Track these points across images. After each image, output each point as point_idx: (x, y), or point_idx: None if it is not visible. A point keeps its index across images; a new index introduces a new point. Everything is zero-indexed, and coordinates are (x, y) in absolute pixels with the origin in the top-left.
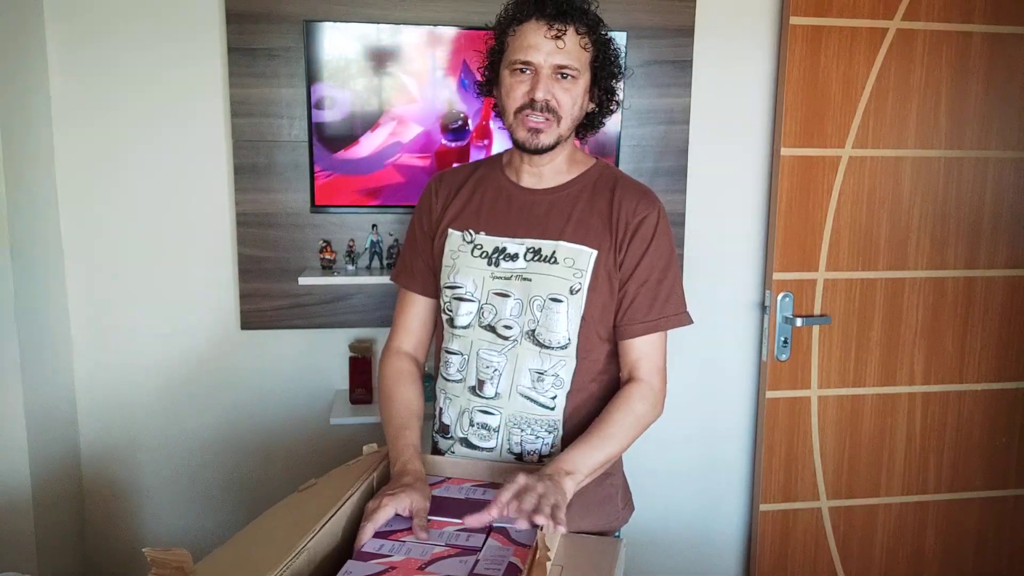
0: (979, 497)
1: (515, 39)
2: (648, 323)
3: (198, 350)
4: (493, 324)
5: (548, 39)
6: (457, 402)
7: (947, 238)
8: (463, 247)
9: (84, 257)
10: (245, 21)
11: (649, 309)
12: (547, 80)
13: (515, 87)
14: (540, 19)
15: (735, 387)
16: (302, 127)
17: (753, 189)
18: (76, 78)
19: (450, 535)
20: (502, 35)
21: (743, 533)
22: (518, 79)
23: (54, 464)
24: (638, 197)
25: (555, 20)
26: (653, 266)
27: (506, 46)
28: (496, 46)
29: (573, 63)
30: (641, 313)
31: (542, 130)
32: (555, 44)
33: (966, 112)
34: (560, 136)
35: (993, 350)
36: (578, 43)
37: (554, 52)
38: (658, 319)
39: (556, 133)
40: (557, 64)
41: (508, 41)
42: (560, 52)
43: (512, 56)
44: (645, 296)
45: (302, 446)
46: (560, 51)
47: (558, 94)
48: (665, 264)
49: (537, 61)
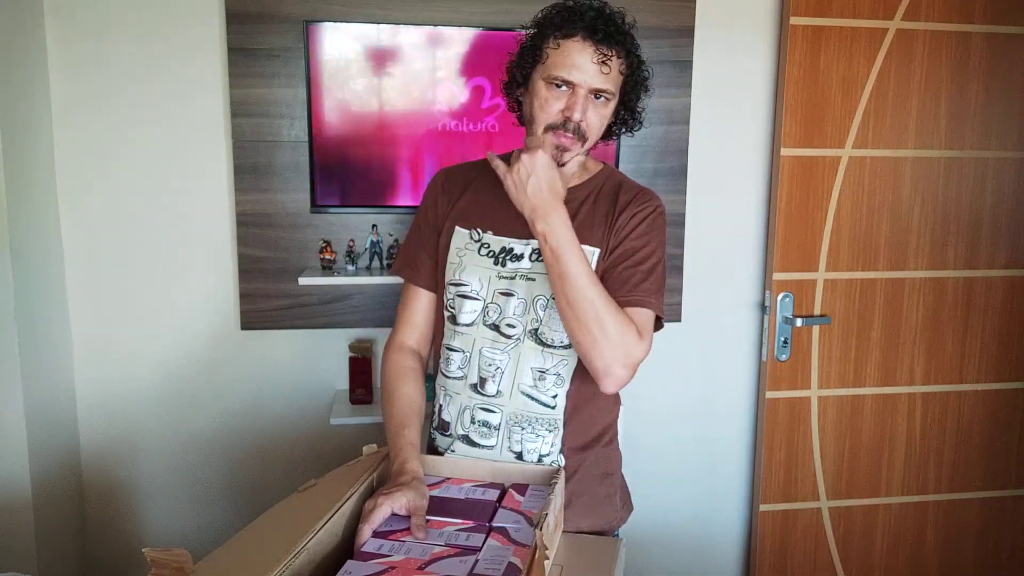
0: (979, 497)
1: (557, 53)
2: (620, 299)
3: (198, 350)
4: (497, 323)
5: (594, 63)
6: (458, 399)
7: (947, 238)
8: (470, 245)
9: (84, 257)
10: (245, 21)
11: (620, 287)
12: (583, 100)
13: (551, 102)
14: (587, 39)
15: (735, 387)
16: (302, 127)
17: (753, 189)
18: (76, 78)
19: (450, 535)
20: (541, 42)
21: (743, 533)
22: (554, 94)
23: (54, 464)
24: (637, 194)
25: (603, 44)
26: (635, 248)
27: (544, 55)
28: (530, 47)
29: (612, 88)
30: (613, 290)
31: (569, 148)
32: (599, 68)
33: (966, 112)
34: (578, 156)
35: (993, 350)
36: (618, 67)
37: (597, 76)
38: (627, 299)
39: (577, 152)
40: (597, 88)
41: (548, 51)
42: (603, 77)
43: (553, 71)
44: (620, 275)
45: (302, 446)
46: (603, 76)
47: (590, 116)
48: (649, 250)
49: (579, 81)
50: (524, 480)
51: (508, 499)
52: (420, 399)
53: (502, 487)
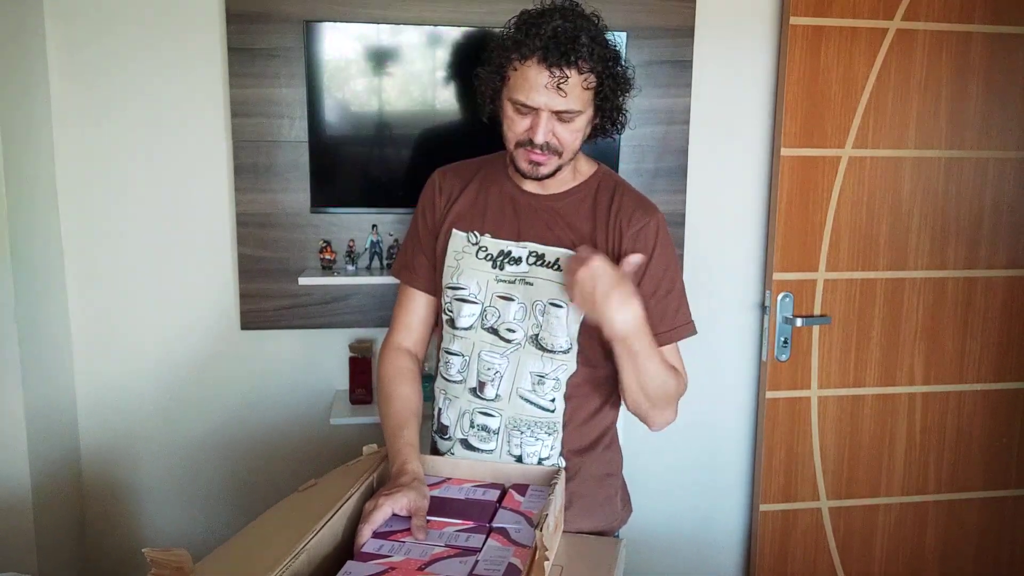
0: (979, 497)
1: (517, 76)
2: (661, 335)
3: (198, 350)
4: (496, 327)
5: (550, 88)
6: (457, 403)
7: (947, 238)
8: (468, 248)
9: (84, 257)
10: (245, 21)
11: (660, 322)
12: (548, 121)
13: (517, 122)
14: (542, 64)
15: (735, 387)
16: (302, 127)
17: (753, 189)
18: (76, 77)
19: (450, 535)
20: (504, 59)
21: (743, 533)
22: (519, 114)
23: (54, 464)
24: (635, 204)
25: (556, 67)
26: (660, 277)
27: (507, 76)
28: (496, 67)
29: (574, 107)
30: (653, 326)
31: (542, 163)
32: (556, 92)
33: (966, 112)
34: (561, 164)
35: (993, 350)
36: (580, 83)
37: (555, 99)
38: (670, 330)
39: (556, 163)
40: (557, 110)
41: (509, 73)
42: (561, 99)
43: (513, 94)
44: (655, 309)
45: (302, 446)
46: (561, 99)
47: (559, 133)
48: (672, 275)
49: (538, 105)
50: (524, 480)
51: (508, 499)
52: (418, 400)
53: (502, 487)
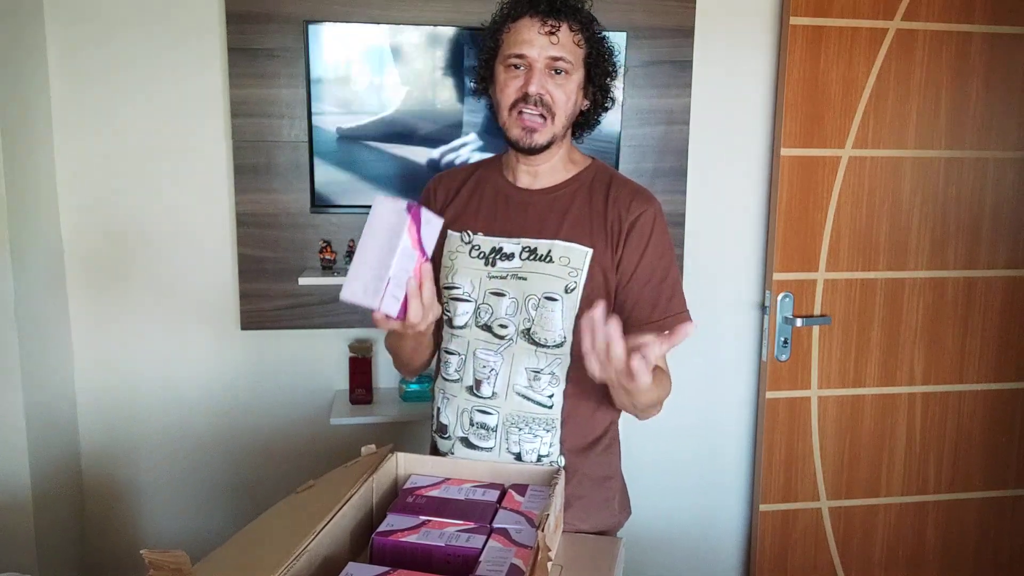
0: (979, 497)
1: (509, 35)
2: (655, 323)
3: (198, 350)
4: (489, 323)
5: (542, 35)
6: (455, 402)
7: (947, 238)
8: (461, 247)
9: (84, 257)
10: (245, 21)
11: (653, 309)
12: (541, 75)
13: (509, 83)
14: (534, 16)
15: (735, 387)
16: (302, 127)
17: (753, 189)
18: (76, 78)
19: (450, 535)
20: (496, 33)
21: (743, 533)
22: (512, 75)
23: (54, 464)
24: (632, 195)
25: (549, 16)
26: (654, 265)
27: (500, 43)
28: (490, 44)
29: (567, 56)
30: (646, 313)
31: (536, 129)
32: (549, 39)
33: (966, 112)
34: (555, 135)
35: (993, 350)
36: (572, 39)
37: (548, 46)
38: (664, 318)
39: (551, 132)
40: (551, 56)
41: (503, 38)
42: (554, 46)
43: (506, 51)
44: (649, 296)
45: (302, 446)
46: (554, 45)
47: (552, 90)
48: (667, 263)
49: (531, 55)
50: (524, 480)
51: (508, 499)
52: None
53: (502, 487)
